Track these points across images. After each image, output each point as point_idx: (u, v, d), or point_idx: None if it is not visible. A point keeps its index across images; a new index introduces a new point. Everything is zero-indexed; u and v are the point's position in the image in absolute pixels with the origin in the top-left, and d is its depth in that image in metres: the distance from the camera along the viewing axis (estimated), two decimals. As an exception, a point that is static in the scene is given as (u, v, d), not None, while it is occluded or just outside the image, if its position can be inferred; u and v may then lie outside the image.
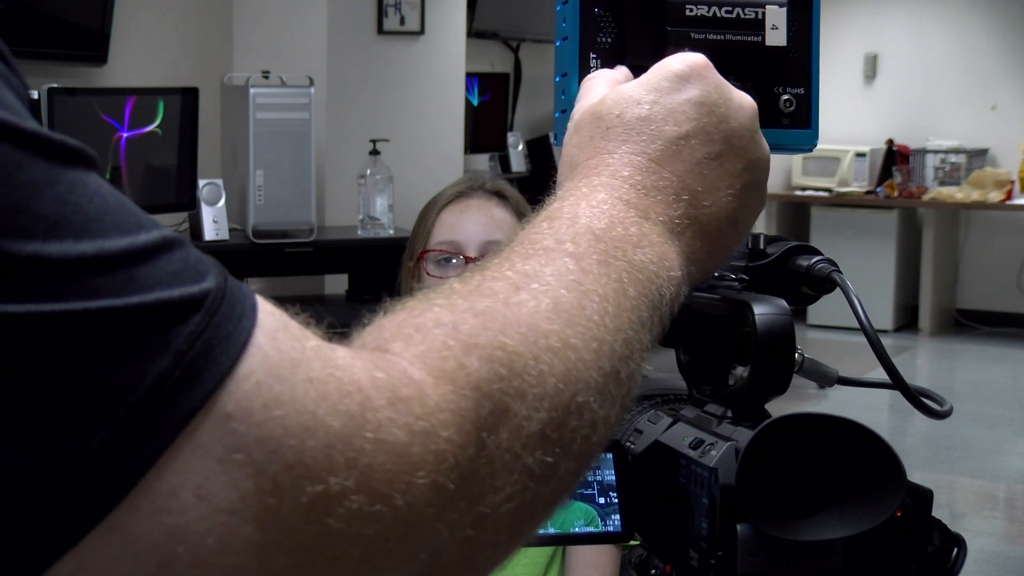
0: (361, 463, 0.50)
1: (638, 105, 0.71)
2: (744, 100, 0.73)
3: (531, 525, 0.59)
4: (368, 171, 4.95)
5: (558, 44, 0.84)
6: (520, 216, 1.93)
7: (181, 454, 0.47)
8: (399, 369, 0.53)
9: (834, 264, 0.87)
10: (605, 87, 0.75)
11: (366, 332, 0.59)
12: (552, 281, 0.60)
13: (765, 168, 0.74)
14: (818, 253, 0.88)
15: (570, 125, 0.75)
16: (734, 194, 0.71)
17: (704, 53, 0.81)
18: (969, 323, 8.99)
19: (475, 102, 6.51)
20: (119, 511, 0.46)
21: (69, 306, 0.46)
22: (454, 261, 1.89)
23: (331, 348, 0.53)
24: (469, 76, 6.22)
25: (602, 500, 0.87)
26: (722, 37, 0.81)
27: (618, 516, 0.87)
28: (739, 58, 0.82)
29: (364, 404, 0.51)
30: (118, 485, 0.46)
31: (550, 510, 0.60)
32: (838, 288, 0.85)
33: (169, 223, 4.67)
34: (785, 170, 9.13)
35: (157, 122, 4.44)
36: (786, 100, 0.84)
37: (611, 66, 0.83)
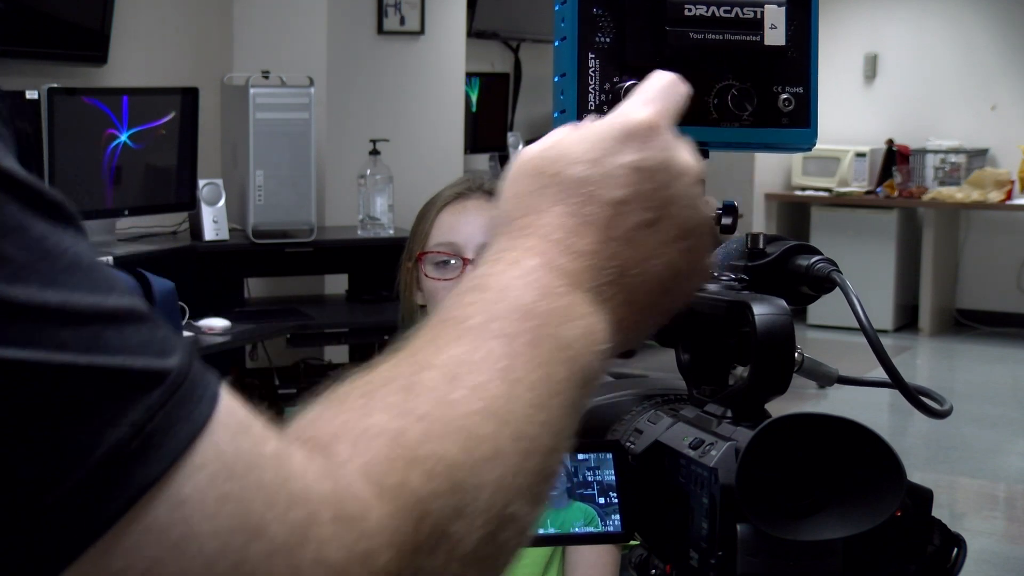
0: None
1: (576, 164, 0.68)
2: (688, 164, 0.71)
3: None
4: (368, 171, 4.95)
5: (557, 44, 0.84)
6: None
7: (133, 533, 0.46)
8: (345, 483, 0.53)
9: (834, 264, 0.87)
10: (560, 135, 0.72)
11: (309, 420, 0.57)
12: (483, 372, 0.59)
13: (705, 234, 0.72)
14: (818, 253, 0.88)
15: (511, 169, 0.72)
16: (666, 262, 0.69)
17: (703, 53, 0.81)
18: (969, 323, 8.98)
19: (473, 108, 6.50)
20: None
21: (31, 355, 0.44)
22: (452, 263, 1.89)
23: (288, 455, 0.52)
24: (469, 76, 6.22)
25: (602, 500, 0.87)
26: (721, 37, 0.81)
27: (618, 516, 0.87)
28: (738, 58, 0.82)
29: (310, 518, 0.50)
30: (67, 551, 0.45)
31: None
32: (838, 288, 0.84)
33: (169, 223, 4.67)
34: (785, 170, 9.13)
35: (169, 116, 4.44)
36: (785, 99, 0.84)
37: (611, 66, 0.83)
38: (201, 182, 4.56)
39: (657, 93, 0.72)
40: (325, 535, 0.50)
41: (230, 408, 0.51)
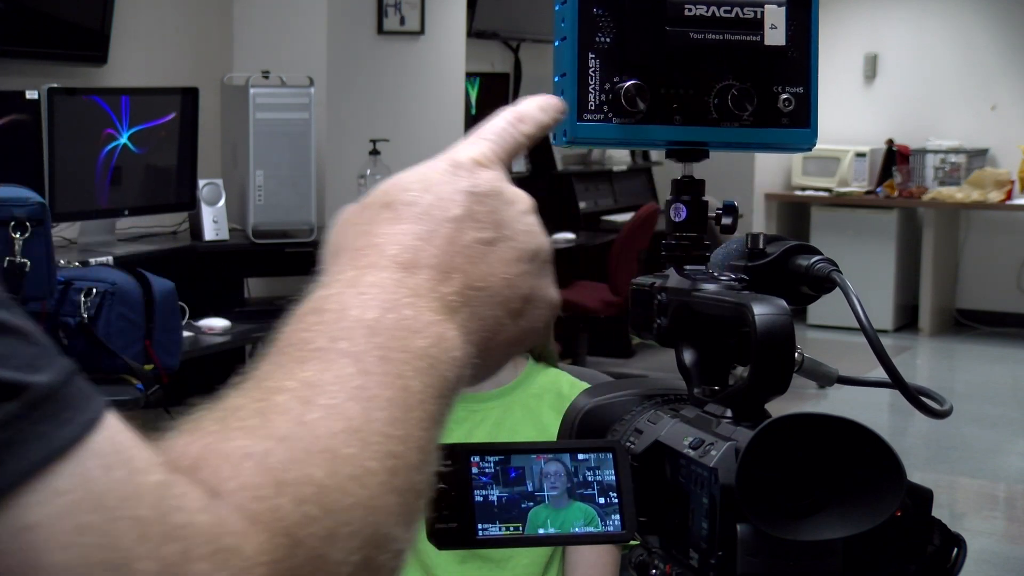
0: None
1: (406, 192, 0.69)
2: (517, 195, 0.72)
3: None
4: (368, 171, 4.95)
5: (557, 44, 0.84)
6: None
7: None
8: (222, 514, 0.52)
9: (834, 264, 0.87)
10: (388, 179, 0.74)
11: (171, 447, 0.55)
12: (337, 392, 0.58)
13: (546, 260, 0.72)
14: (818, 253, 0.88)
15: (339, 217, 0.72)
16: (510, 281, 0.69)
17: (703, 53, 0.81)
18: (969, 323, 8.98)
19: (473, 111, 6.50)
20: None
21: None
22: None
23: (170, 487, 0.51)
24: (468, 76, 6.22)
25: (602, 500, 0.87)
26: (721, 37, 0.81)
27: (618, 516, 0.87)
28: (738, 58, 0.82)
29: (185, 554, 0.49)
30: None
31: None
32: (838, 288, 0.84)
33: (169, 223, 4.67)
34: (785, 170, 9.13)
35: (170, 117, 4.44)
36: (785, 99, 0.84)
37: (611, 66, 0.83)
38: (201, 182, 4.56)
39: (490, 133, 0.73)
40: (201, 570, 0.49)
41: (111, 437, 0.49)
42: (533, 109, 0.75)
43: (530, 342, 0.73)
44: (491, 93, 6.77)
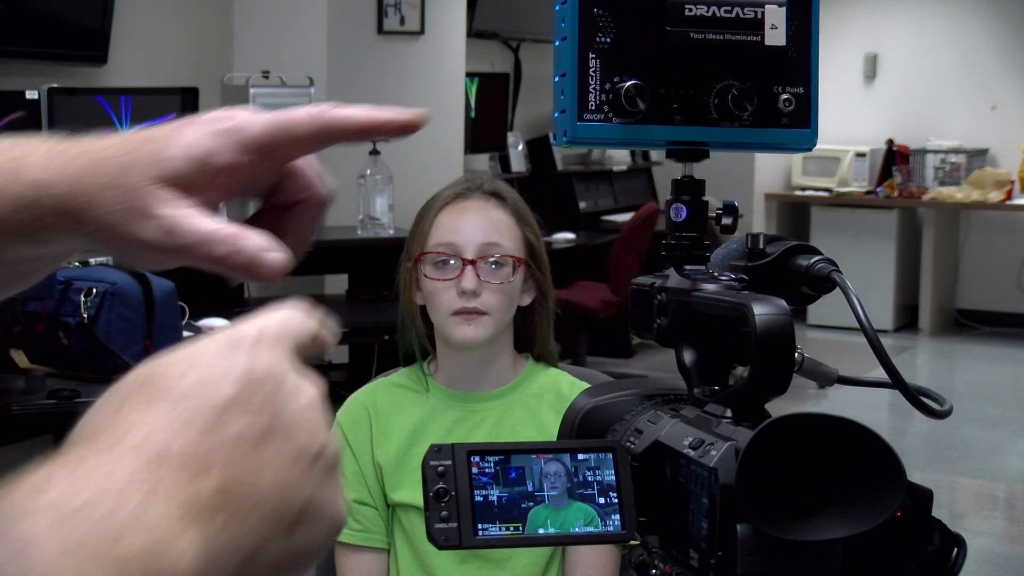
0: None
1: (170, 368, 0.58)
2: (301, 384, 0.61)
3: None
4: (368, 171, 4.95)
5: (558, 44, 0.84)
6: (518, 217, 1.93)
7: None
8: None
9: (834, 264, 0.87)
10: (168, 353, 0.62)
11: None
12: None
13: (330, 466, 0.60)
14: (818, 253, 0.88)
15: (107, 392, 0.61)
16: (281, 486, 0.57)
17: (703, 53, 0.81)
18: (969, 323, 8.99)
19: (472, 114, 6.49)
20: None
21: None
22: (452, 263, 1.89)
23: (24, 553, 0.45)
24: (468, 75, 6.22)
25: (602, 500, 0.87)
26: (721, 37, 0.81)
27: (618, 516, 0.87)
28: (738, 58, 0.82)
29: None
30: None
31: None
32: (838, 288, 0.84)
33: (169, 223, 4.66)
34: (785, 170, 9.13)
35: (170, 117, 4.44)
36: (785, 100, 0.84)
37: (611, 66, 0.83)
38: (201, 182, 4.56)
39: (275, 312, 0.63)
40: None
41: None
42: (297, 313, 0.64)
43: (303, 565, 0.60)
44: (491, 93, 6.77)
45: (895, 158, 8.92)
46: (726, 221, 0.90)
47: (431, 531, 0.81)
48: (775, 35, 0.82)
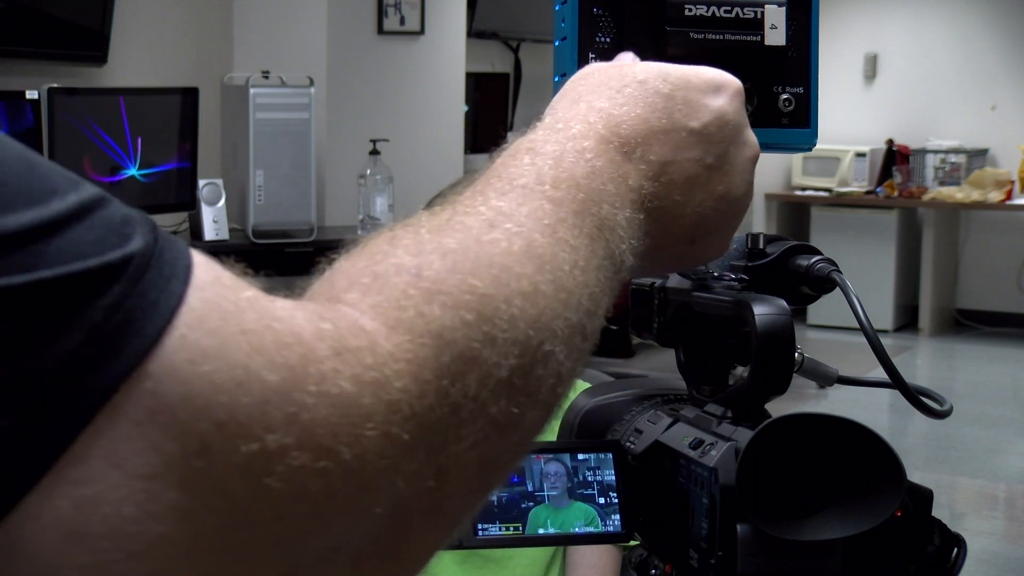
0: (302, 418, 0.47)
1: (663, 81, 0.69)
2: (752, 140, 0.73)
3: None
4: (368, 171, 4.95)
5: (557, 44, 0.84)
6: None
7: (96, 426, 0.44)
8: (349, 319, 0.51)
9: (834, 264, 0.87)
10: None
11: (322, 279, 0.56)
12: (527, 223, 0.58)
13: (740, 210, 0.73)
14: (818, 253, 0.88)
15: (585, 70, 0.74)
16: (704, 212, 0.70)
17: (703, 53, 0.81)
18: (969, 323, 8.99)
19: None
20: (30, 498, 0.43)
21: None
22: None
23: (269, 299, 0.50)
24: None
25: (602, 500, 0.87)
26: (721, 37, 0.81)
27: (618, 516, 0.87)
28: (738, 58, 0.82)
29: (306, 356, 0.48)
30: (27, 472, 0.43)
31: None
32: (838, 288, 0.85)
33: (169, 223, 4.67)
34: (785, 170, 9.13)
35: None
36: (785, 100, 0.84)
37: (611, 65, 0.83)
38: (201, 182, 4.56)
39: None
40: (326, 370, 0.48)
41: (198, 264, 0.48)
42: None
43: (677, 267, 0.77)
44: (491, 93, 6.77)
45: (895, 158, 8.92)
46: (726, 221, 0.90)
47: (431, 531, 0.81)
48: (775, 35, 0.82)
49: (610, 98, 0.68)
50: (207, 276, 0.48)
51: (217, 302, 0.47)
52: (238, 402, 0.46)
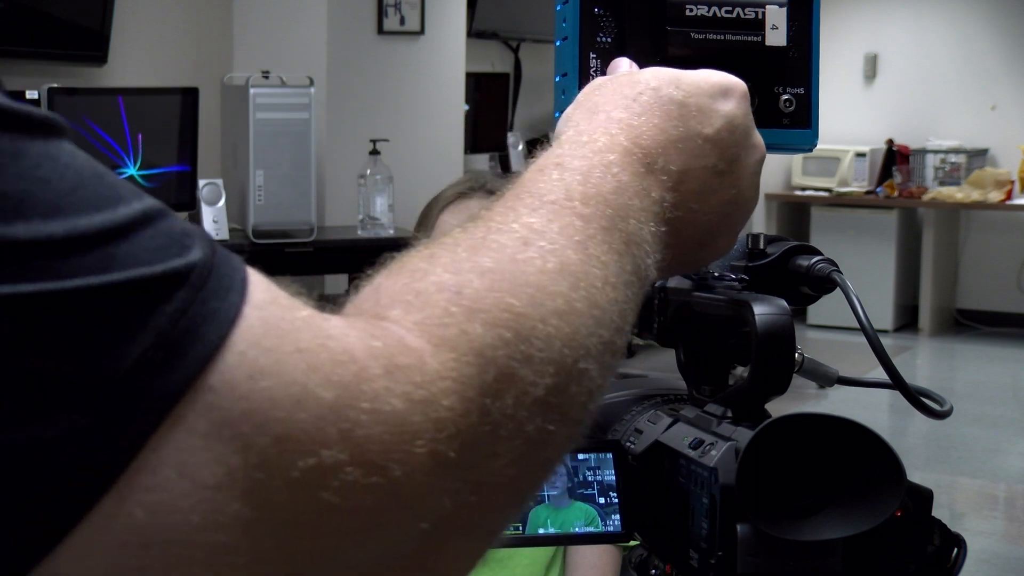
0: (356, 434, 0.48)
1: (676, 87, 0.71)
2: (759, 142, 0.74)
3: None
4: (368, 171, 4.95)
5: (558, 44, 0.84)
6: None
7: (162, 432, 0.45)
8: (396, 337, 0.52)
9: (834, 264, 0.87)
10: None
11: (362, 296, 0.57)
12: (559, 240, 0.59)
13: (747, 212, 0.74)
14: (818, 253, 0.88)
15: (597, 81, 0.75)
16: (717, 217, 0.72)
17: (704, 53, 0.81)
18: (969, 323, 8.98)
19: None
20: (105, 500, 0.44)
21: (39, 287, 0.44)
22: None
23: (323, 318, 0.51)
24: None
25: (602, 500, 0.87)
26: (722, 37, 0.81)
27: (618, 516, 0.87)
28: (739, 58, 0.82)
29: (359, 374, 0.49)
30: (103, 473, 0.44)
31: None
32: (838, 288, 0.85)
33: (169, 223, 4.67)
34: (785, 170, 9.13)
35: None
36: (786, 100, 0.84)
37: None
38: (201, 182, 4.56)
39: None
40: (378, 388, 0.49)
41: (256, 283, 0.50)
42: None
43: (685, 271, 0.81)
44: (491, 93, 6.77)
45: (895, 158, 8.92)
46: (726, 221, 0.90)
47: (431, 531, 0.81)
48: (776, 35, 0.82)
49: (627, 107, 0.69)
50: (265, 296, 0.50)
51: (274, 322, 0.49)
52: (295, 418, 0.47)
